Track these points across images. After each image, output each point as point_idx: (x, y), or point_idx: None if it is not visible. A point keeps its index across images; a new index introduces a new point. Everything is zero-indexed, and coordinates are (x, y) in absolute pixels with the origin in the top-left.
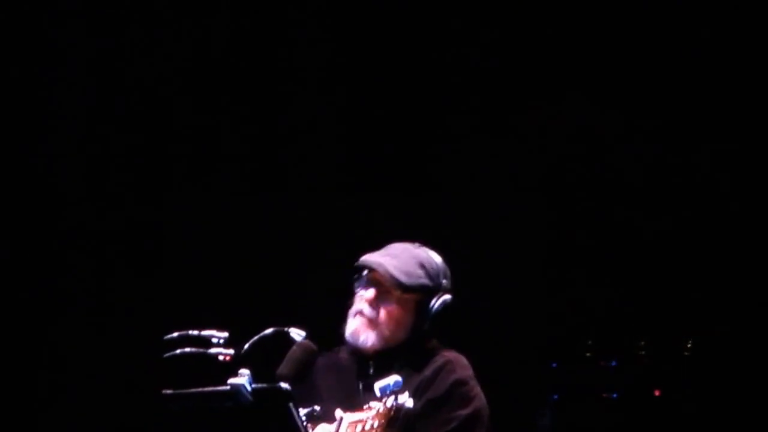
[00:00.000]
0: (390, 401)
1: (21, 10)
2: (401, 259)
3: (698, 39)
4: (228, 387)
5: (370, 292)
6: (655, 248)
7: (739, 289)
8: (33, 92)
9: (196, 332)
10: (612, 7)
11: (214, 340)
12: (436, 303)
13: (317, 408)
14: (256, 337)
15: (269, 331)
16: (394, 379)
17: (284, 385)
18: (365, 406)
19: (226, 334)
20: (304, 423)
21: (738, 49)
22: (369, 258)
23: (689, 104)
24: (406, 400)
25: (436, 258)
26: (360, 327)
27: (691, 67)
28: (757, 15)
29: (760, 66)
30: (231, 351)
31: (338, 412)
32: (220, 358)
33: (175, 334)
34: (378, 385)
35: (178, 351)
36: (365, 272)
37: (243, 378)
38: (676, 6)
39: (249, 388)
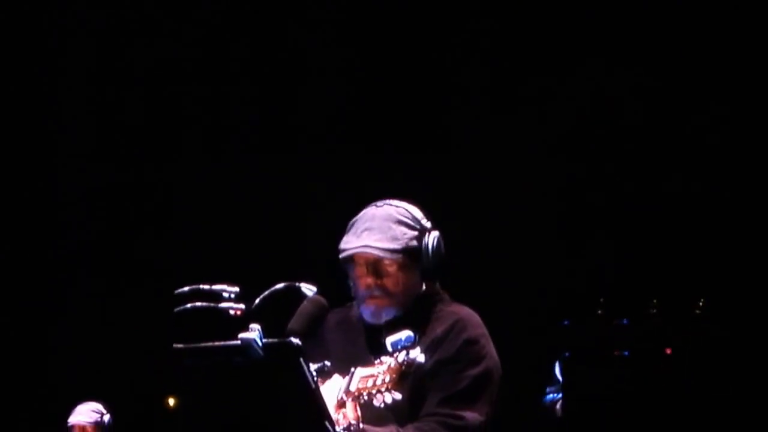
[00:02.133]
0: (402, 356)
1: None
2: (378, 228)
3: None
4: (239, 341)
5: (370, 276)
6: (668, 208)
7: (751, 248)
8: (44, 54)
9: (207, 287)
10: None
11: (225, 295)
12: (429, 243)
13: (328, 363)
14: (266, 292)
15: (280, 285)
16: (406, 334)
17: (295, 340)
18: (377, 361)
19: (237, 289)
20: (315, 378)
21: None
22: (350, 246)
23: (701, 69)
24: (418, 355)
25: (405, 206)
26: (377, 309)
27: (706, 28)
28: None
29: None
30: (242, 306)
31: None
32: (231, 312)
33: (186, 289)
34: (390, 340)
35: (189, 305)
36: (350, 257)
37: (254, 333)
38: None
39: (259, 343)
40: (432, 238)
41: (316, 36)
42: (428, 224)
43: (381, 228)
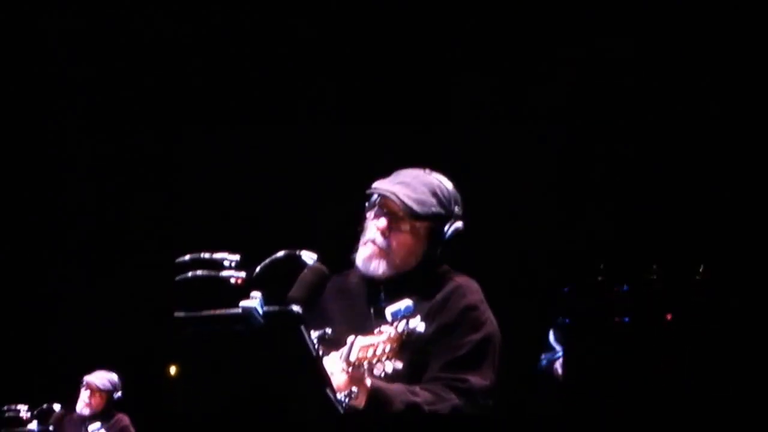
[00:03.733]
0: (401, 326)
1: None
2: (413, 187)
3: None
4: (239, 310)
5: (383, 221)
6: (668, 173)
7: (751, 213)
8: (41, 22)
9: (207, 255)
10: None
11: (226, 263)
12: (449, 230)
13: (329, 331)
14: (267, 260)
15: (281, 254)
16: (405, 303)
17: (295, 307)
18: (376, 330)
19: (237, 257)
20: (316, 346)
21: None
22: (381, 186)
23: (697, 40)
24: (418, 324)
25: (448, 184)
26: (372, 255)
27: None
28: None
29: None
30: (242, 274)
31: (350, 338)
32: (232, 280)
33: (187, 257)
34: (389, 310)
35: (189, 274)
36: (377, 199)
37: (254, 301)
38: None
39: (260, 311)
40: (453, 227)
41: (318, 13)
42: (459, 212)
43: (417, 189)
